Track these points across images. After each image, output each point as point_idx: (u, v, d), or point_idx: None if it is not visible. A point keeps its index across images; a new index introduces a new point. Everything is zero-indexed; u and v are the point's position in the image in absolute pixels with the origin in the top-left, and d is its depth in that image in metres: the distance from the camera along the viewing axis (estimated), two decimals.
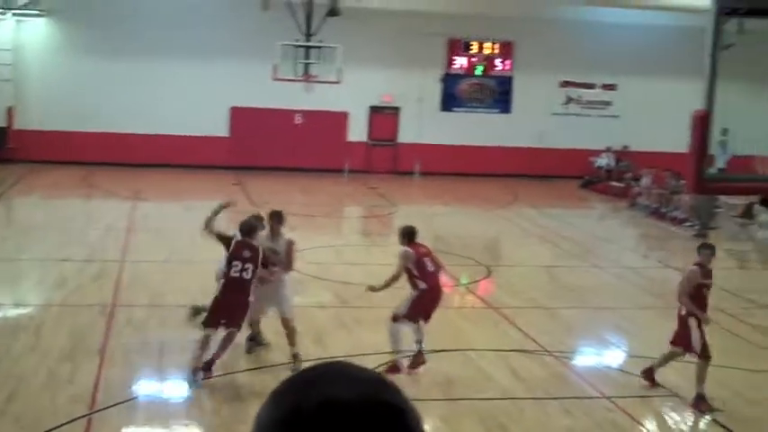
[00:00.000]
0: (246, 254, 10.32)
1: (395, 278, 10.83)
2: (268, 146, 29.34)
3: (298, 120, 29.77)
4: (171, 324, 12.34)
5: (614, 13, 28.41)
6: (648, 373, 10.80)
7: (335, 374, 1.71)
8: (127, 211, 21.19)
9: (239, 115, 29.32)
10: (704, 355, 10.21)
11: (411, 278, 10.79)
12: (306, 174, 28.74)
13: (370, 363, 10.89)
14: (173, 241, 18.07)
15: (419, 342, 10.77)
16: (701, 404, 10.18)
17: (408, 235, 11.04)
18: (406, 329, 10.87)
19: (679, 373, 10.99)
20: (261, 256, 10.39)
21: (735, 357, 12.06)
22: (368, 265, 16.89)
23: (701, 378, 10.22)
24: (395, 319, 10.78)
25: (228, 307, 10.27)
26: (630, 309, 15.10)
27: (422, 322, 10.80)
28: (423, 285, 10.74)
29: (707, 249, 10.88)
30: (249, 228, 10.69)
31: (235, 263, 10.27)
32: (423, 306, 10.80)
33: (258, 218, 11.36)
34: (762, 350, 12.74)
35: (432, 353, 11.62)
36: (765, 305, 15.41)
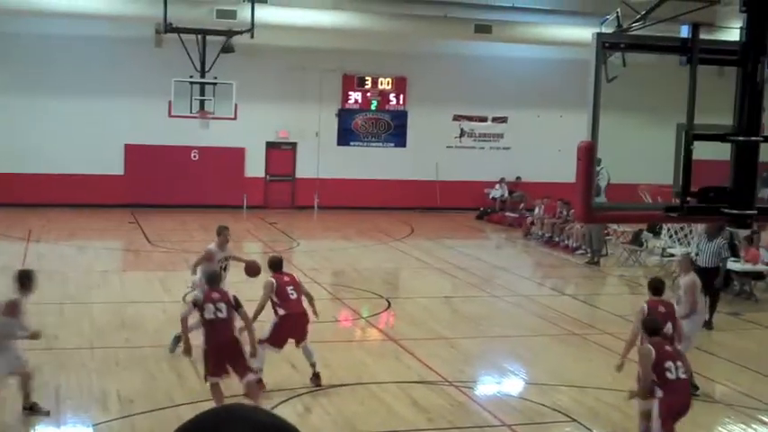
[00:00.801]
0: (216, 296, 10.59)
1: (260, 309, 11.60)
2: (165, 183, 29.07)
3: (194, 156, 29.60)
4: (68, 367, 12.14)
5: (503, 47, 29.15)
6: None
7: (231, 419, 1.76)
8: (19, 252, 20.71)
9: (134, 152, 28.99)
10: None
11: (273, 305, 11.67)
12: (204, 210, 28.55)
13: (273, 400, 10.94)
14: (67, 283, 17.74)
15: (313, 365, 11.68)
16: None
17: (273, 265, 12.01)
18: (270, 352, 11.56)
19: (573, 400, 11.30)
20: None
21: (627, 380, 12.46)
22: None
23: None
24: (260, 342, 11.33)
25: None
26: (527, 336, 15.46)
27: (303, 343, 11.70)
28: (282, 312, 11.57)
29: None
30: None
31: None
32: (284, 331, 11.61)
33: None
34: None
35: (333, 387, 11.72)
36: None
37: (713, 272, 16.24)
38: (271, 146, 30.56)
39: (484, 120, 31.99)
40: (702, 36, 7.05)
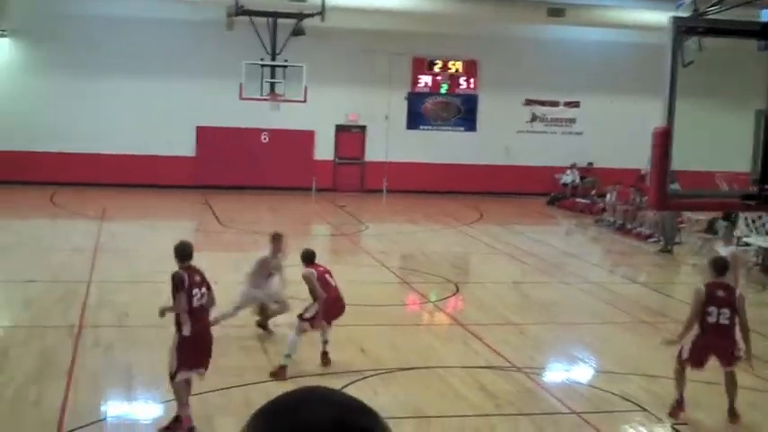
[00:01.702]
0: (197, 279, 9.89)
1: (318, 299, 11.63)
2: (235, 165, 29.32)
3: (264, 138, 29.80)
4: (138, 345, 12.31)
5: (576, 31, 28.73)
6: None
7: (311, 399, 1.78)
8: (93, 231, 21.08)
9: (205, 134, 29.30)
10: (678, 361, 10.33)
11: (312, 293, 11.78)
12: (273, 192, 28.75)
13: (340, 381, 10.95)
14: (139, 261, 18.00)
15: (325, 342, 11.79)
16: (675, 410, 10.34)
17: (307, 258, 12.06)
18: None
19: (643, 389, 11.13)
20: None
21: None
22: (338, 284, 16.94)
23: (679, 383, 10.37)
24: (303, 319, 11.61)
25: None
26: (597, 324, 15.25)
27: (325, 324, 11.76)
28: (324, 296, 11.68)
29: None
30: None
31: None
32: (328, 314, 11.75)
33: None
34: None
35: (401, 371, 11.70)
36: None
37: None
38: (340, 129, 30.62)
39: (556, 104, 31.64)
40: None
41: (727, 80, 24.17)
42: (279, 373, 11.17)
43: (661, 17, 6.62)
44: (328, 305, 11.70)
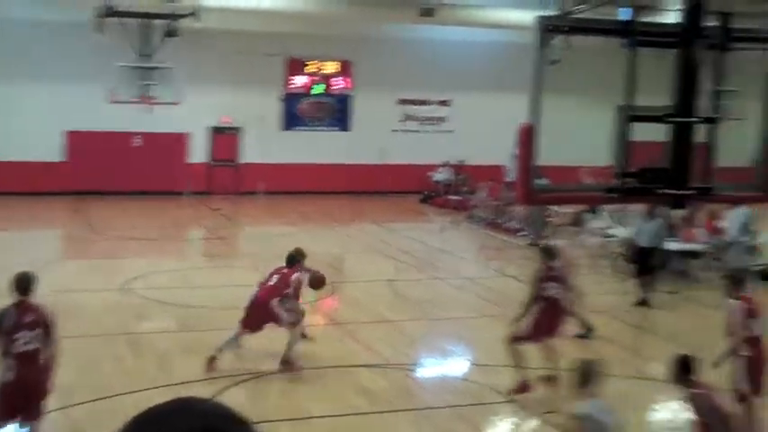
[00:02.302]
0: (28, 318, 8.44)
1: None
2: (107, 170, 28.68)
3: (137, 142, 29.26)
4: None
5: (447, 30, 29.16)
6: None
7: (180, 411, 1.78)
8: None
9: (75, 139, 28.57)
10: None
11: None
12: (148, 197, 28.27)
13: (219, 386, 10.90)
14: (8, 273, 17.42)
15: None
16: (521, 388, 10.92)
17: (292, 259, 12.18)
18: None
19: (514, 380, 11.43)
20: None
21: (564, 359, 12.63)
22: (213, 288, 16.85)
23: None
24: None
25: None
26: (471, 318, 15.57)
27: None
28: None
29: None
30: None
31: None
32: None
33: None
34: (587, 350, 13.28)
35: (277, 373, 11.70)
36: (595, 309, 16.13)
37: (652, 251, 16.51)
38: (215, 131, 30.33)
39: (428, 103, 32.09)
40: (643, 19, 7.14)
41: (592, 77, 24.95)
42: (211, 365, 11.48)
43: (529, 16, 6.82)
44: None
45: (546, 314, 11.19)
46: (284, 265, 12.12)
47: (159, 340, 13.17)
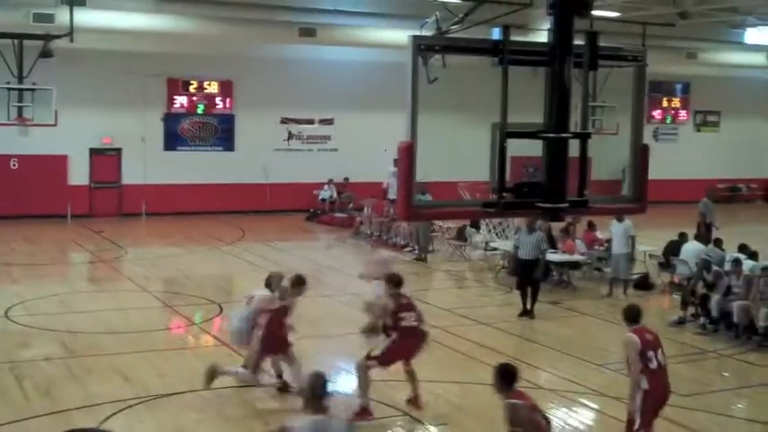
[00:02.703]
0: None
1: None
2: None
3: (14, 165, 28.54)
4: None
5: (328, 50, 29.38)
6: None
7: None
8: None
9: None
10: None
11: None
12: (27, 221, 27.57)
13: (104, 413, 10.75)
14: None
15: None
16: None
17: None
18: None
19: (405, 393, 11.59)
20: None
21: (452, 372, 12.92)
22: (97, 312, 16.57)
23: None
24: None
25: None
26: (359, 334, 15.65)
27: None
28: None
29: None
30: None
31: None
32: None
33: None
34: (474, 362, 13.59)
35: (167, 396, 11.61)
36: (479, 321, 16.50)
37: (533, 263, 16.96)
38: (95, 152, 29.80)
39: (311, 122, 32.24)
40: (515, 38, 7.38)
41: (470, 95, 25.45)
42: None
43: (406, 36, 6.98)
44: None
45: (404, 342, 11.20)
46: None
47: (43, 367, 12.89)
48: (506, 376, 7.97)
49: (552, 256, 18.96)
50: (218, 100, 31.07)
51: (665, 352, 9.24)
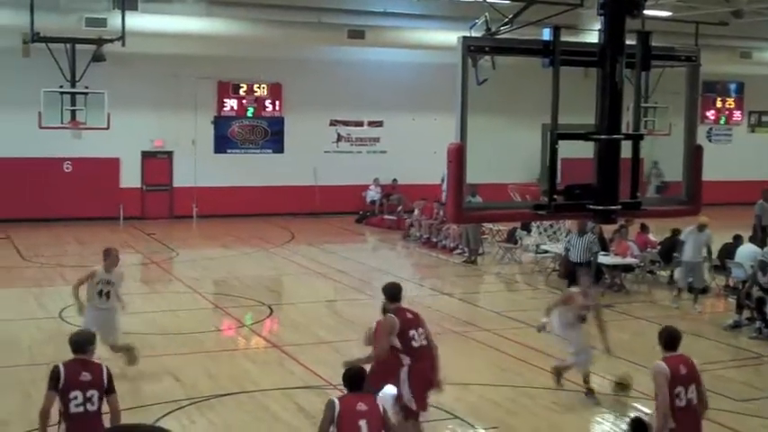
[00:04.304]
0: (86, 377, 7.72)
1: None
2: (37, 196, 28.32)
3: (67, 167, 28.95)
4: None
5: (377, 52, 29.44)
6: None
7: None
8: None
9: (3, 165, 28.14)
10: None
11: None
12: (79, 223, 27.95)
13: (155, 414, 10.83)
14: None
15: None
16: None
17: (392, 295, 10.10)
18: None
19: (455, 398, 11.54)
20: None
21: (503, 375, 12.82)
22: (148, 314, 16.71)
23: None
24: None
25: None
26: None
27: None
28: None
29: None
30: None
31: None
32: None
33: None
34: (525, 365, 13.49)
35: (218, 398, 11.67)
36: (530, 324, 16.35)
37: (585, 266, 16.79)
38: (146, 155, 30.13)
39: (360, 124, 32.29)
40: (565, 38, 7.30)
41: (520, 97, 25.33)
42: None
43: (455, 37, 6.94)
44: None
45: (420, 368, 9.54)
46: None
47: None
48: (354, 377, 7.66)
49: (604, 259, 18.76)
50: (267, 102, 31.24)
51: (703, 389, 8.04)
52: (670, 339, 8.22)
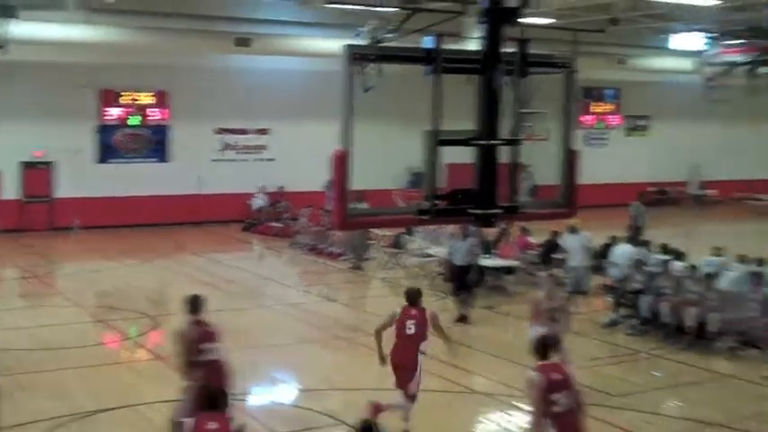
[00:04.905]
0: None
1: None
2: None
3: None
4: None
5: (262, 60, 29.31)
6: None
7: None
8: None
9: None
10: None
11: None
12: None
13: (37, 431, 10.58)
14: None
15: None
16: None
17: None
18: None
19: (342, 402, 11.58)
20: None
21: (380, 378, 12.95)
22: (31, 328, 16.28)
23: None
24: None
25: None
26: (296, 344, 15.69)
27: None
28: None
29: None
30: None
31: None
32: None
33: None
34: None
35: (101, 412, 11.46)
36: None
37: (467, 269, 17.10)
38: (26, 166, 29.29)
39: (246, 132, 32.10)
40: (448, 46, 7.45)
41: (404, 103, 25.50)
42: None
43: (341, 45, 7.03)
44: None
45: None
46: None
47: None
48: (211, 397, 7.71)
49: (486, 262, 19.12)
50: (152, 111, 30.74)
51: (579, 396, 8.02)
52: (542, 348, 8.28)
